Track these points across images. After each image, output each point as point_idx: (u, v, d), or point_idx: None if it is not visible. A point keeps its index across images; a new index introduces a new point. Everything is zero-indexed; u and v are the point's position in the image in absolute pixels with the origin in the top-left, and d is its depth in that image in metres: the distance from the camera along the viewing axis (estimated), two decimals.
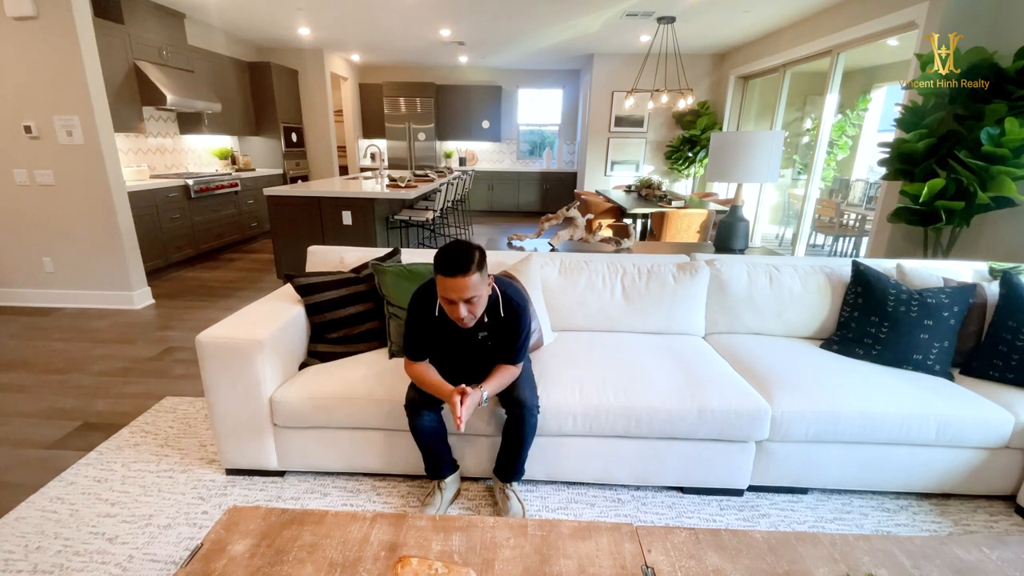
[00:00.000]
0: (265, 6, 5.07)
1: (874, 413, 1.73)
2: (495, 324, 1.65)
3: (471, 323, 1.55)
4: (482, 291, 1.51)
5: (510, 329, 1.65)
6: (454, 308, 1.50)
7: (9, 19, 3.31)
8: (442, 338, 1.67)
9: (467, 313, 1.50)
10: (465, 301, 1.49)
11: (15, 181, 3.63)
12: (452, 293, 1.47)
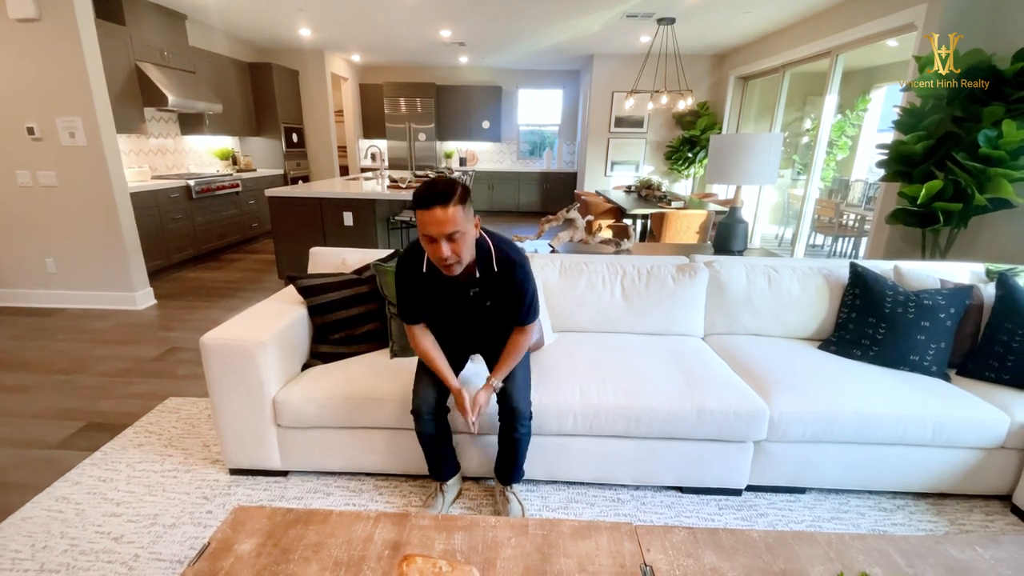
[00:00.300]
0: (266, 7, 5.08)
1: (871, 414, 1.75)
2: (488, 280, 1.53)
3: (457, 268, 1.41)
4: (466, 229, 1.36)
5: (509, 286, 1.53)
6: (436, 248, 1.36)
7: (12, 21, 3.33)
8: (431, 294, 1.55)
9: (450, 253, 1.35)
10: (447, 239, 1.34)
11: (18, 182, 3.65)
12: (431, 227, 1.32)
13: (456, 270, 1.43)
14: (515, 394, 1.65)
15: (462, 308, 1.61)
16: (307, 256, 2.43)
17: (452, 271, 1.43)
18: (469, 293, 1.55)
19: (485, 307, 1.56)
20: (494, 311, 1.56)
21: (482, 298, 1.55)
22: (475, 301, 1.56)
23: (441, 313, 1.64)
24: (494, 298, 1.55)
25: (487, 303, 1.55)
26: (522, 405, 1.65)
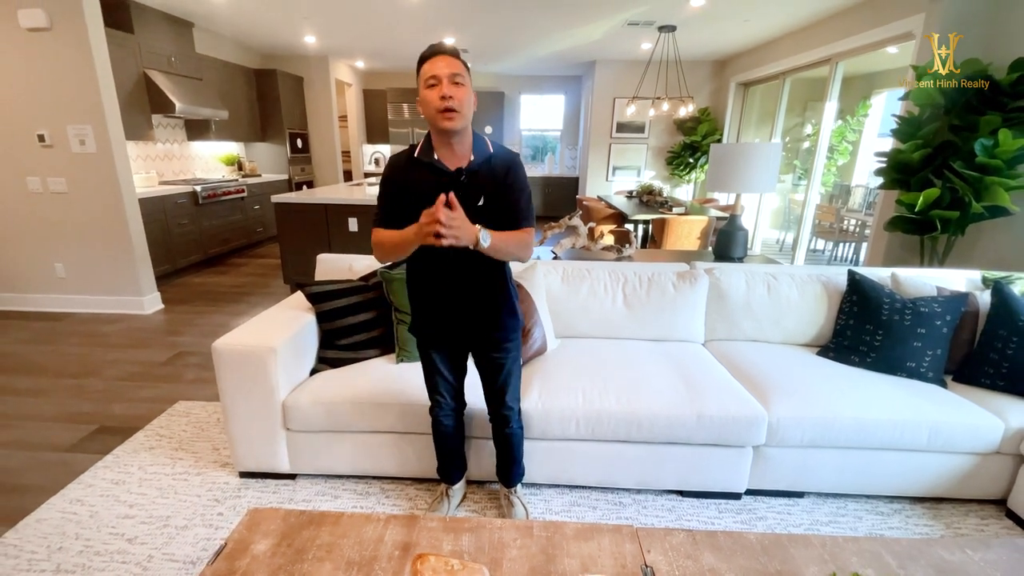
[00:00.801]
0: (272, 15, 5.15)
1: (867, 419, 1.79)
2: (483, 174, 1.40)
3: (457, 119, 1.30)
4: (466, 84, 1.32)
5: (505, 184, 1.41)
6: (438, 89, 1.28)
7: (23, 30, 3.39)
8: (416, 190, 1.38)
9: (451, 94, 1.28)
10: (451, 80, 1.28)
11: (28, 189, 3.71)
12: (438, 66, 1.28)
13: (456, 120, 1.30)
14: (503, 387, 1.63)
15: None
16: (313, 261, 2.47)
17: (451, 119, 1.30)
18: (460, 179, 1.37)
19: (477, 207, 1.38)
20: (486, 214, 1.38)
21: (475, 193, 1.38)
22: (467, 196, 1.36)
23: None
24: (488, 197, 1.39)
25: (479, 202, 1.38)
26: (510, 400, 1.66)
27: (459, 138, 1.37)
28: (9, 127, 3.57)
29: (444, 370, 1.64)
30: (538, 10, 4.73)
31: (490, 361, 1.60)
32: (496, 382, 1.63)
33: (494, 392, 1.65)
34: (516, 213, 1.43)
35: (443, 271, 1.47)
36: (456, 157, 1.39)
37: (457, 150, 1.39)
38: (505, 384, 1.63)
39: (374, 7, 4.75)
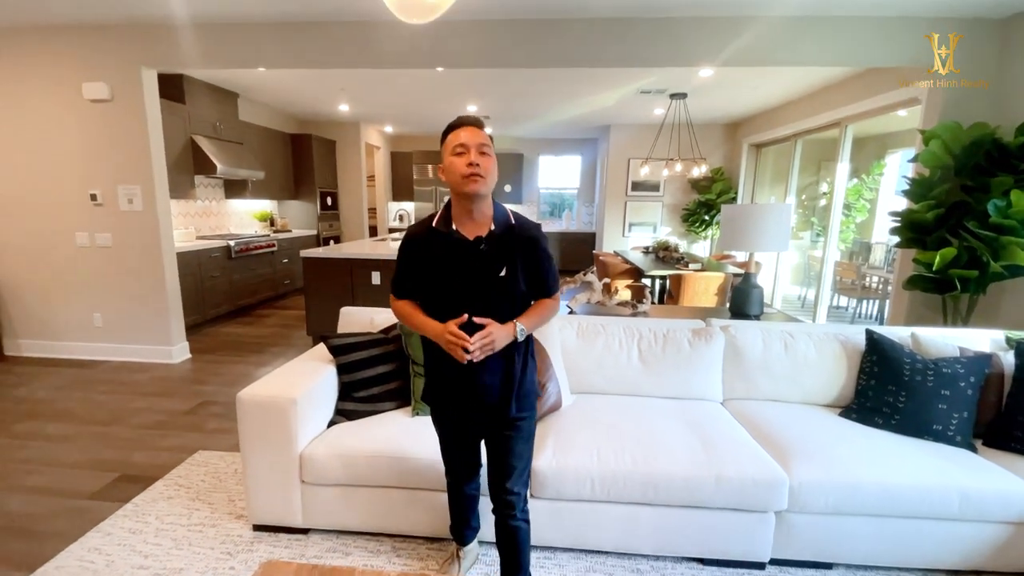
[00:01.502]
0: (311, 87, 5.60)
1: (893, 484, 1.73)
2: (504, 243, 1.38)
3: (481, 185, 1.31)
4: (491, 155, 1.34)
5: (526, 254, 1.39)
6: (465, 157, 1.31)
7: (86, 101, 3.76)
8: (435, 260, 1.38)
9: (479, 161, 1.30)
10: (478, 149, 1.31)
11: (76, 243, 3.97)
12: (466, 137, 1.31)
13: (481, 184, 1.31)
14: (509, 469, 1.48)
15: (469, 275, 1.37)
16: (336, 313, 2.57)
17: (476, 185, 1.30)
18: (479, 247, 1.36)
19: (498, 277, 1.36)
20: (508, 284, 1.36)
21: (495, 262, 1.36)
22: (486, 265, 1.36)
23: (443, 285, 1.39)
24: (510, 265, 1.36)
25: (500, 272, 1.36)
26: (514, 484, 1.48)
27: (480, 206, 1.36)
28: (65, 186, 3.88)
29: (459, 441, 1.58)
30: (553, 81, 5.05)
31: (499, 437, 1.48)
32: (502, 462, 1.49)
33: (499, 473, 1.50)
34: (545, 285, 1.45)
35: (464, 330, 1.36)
36: (476, 226, 1.38)
37: (477, 218, 1.38)
38: (512, 465, 1.48)
39: (403, 79, 5.13)
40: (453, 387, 1.46)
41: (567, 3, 3.14)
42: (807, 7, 3.13)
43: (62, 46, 3.67)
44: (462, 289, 1.37)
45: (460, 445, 1.60)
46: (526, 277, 1.40)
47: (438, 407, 1.55)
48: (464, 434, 1.57)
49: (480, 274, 1.34)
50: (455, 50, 3.50)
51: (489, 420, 1.48)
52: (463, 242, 1.37)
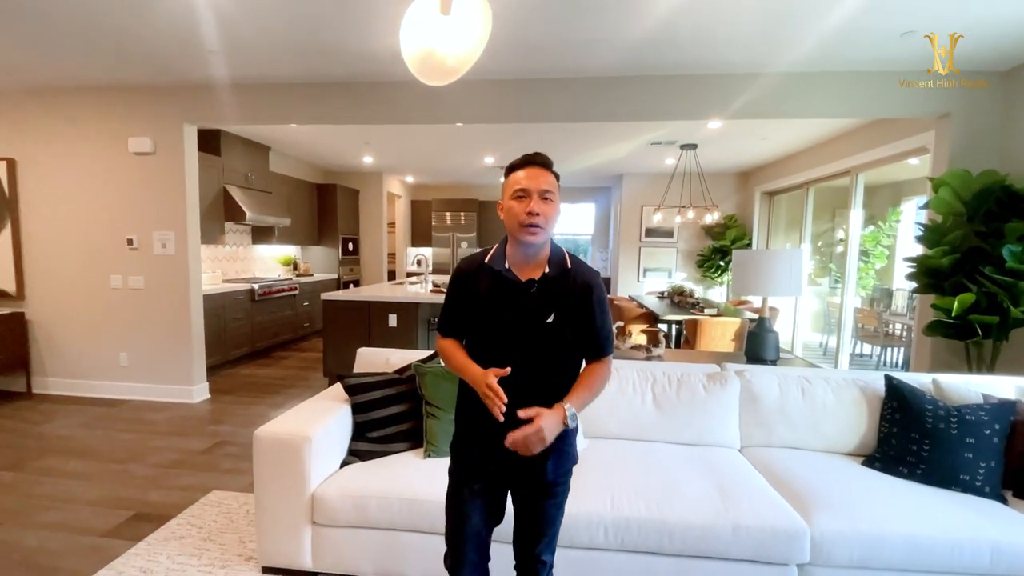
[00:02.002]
0: (337, 140, 5.94)
1: (921, 537, 1.65)
2: (557, 287, 1.29)
3: (541, 234, 1.25)
4: (555, 200, 1.27)
5: (580, 301, 1.29)
6: (526, 203, 1.24)
7: (131, 154, 4.05)
8: (484, 300, 1.31)
9: (540, 210, 1.23)
10: (540, 195, 1.24)
11: (110, 285, 4.16)
12: (528, 180, 1.24)
13: (539, 235, 1.25)
14: (541, 537, 1.37)
15: (516, 319, 1.28)
16: (353, 355, 2.62)
17: (535, 234, 1.24)
18: (530, 290, 1.28)
19: (546, 324, 1.26)
20: (555, 332, 1.27)
21: (545, 307, 1.27)
22: (535, 310, 1.27)
23: (488, 326, 1.31)
24: (561, 311, 1.27)
25: (549, 317, 1.26)
26: (545, 552, 1.38)
27: (536, 249, 1.30)
28: (105, 232, 4.12)
29: (476, 511, 1.36)
30: (566, 133, 5.27)
31: (534, 506, 1.36)
32: (533, 527, 1.37)
33: (528, 539, 1.39)
34: (599, 341, 1.32)
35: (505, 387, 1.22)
36: (530, 267, 1.31)
37: (533, 261, 1.31)
38: (543, 532, 1.37)
39: (424, 133, 5.41)
40: (485, 438, 1.31)
41: (576, 64, 3.34)
42: (808, 63, 3.27)
43: (113, 104, 4.00)
44: (508, 333, 1.28)
45: (481, 509, 1.36)
46: (577, 327, 1.29)
47: (464, 463, 1.38)
48: (488, 497, 1.37)
49: (528, 319, 1.26)
50: (473, 107, 3.72)
51: (520, 481, 1.36)
52: (514, 283, 1.29)
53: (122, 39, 3.05)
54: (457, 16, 1.16)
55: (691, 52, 3.13)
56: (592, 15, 2.64)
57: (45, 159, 4.13)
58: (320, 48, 3.15)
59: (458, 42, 1.23)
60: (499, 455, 1.28)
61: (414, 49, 1.19)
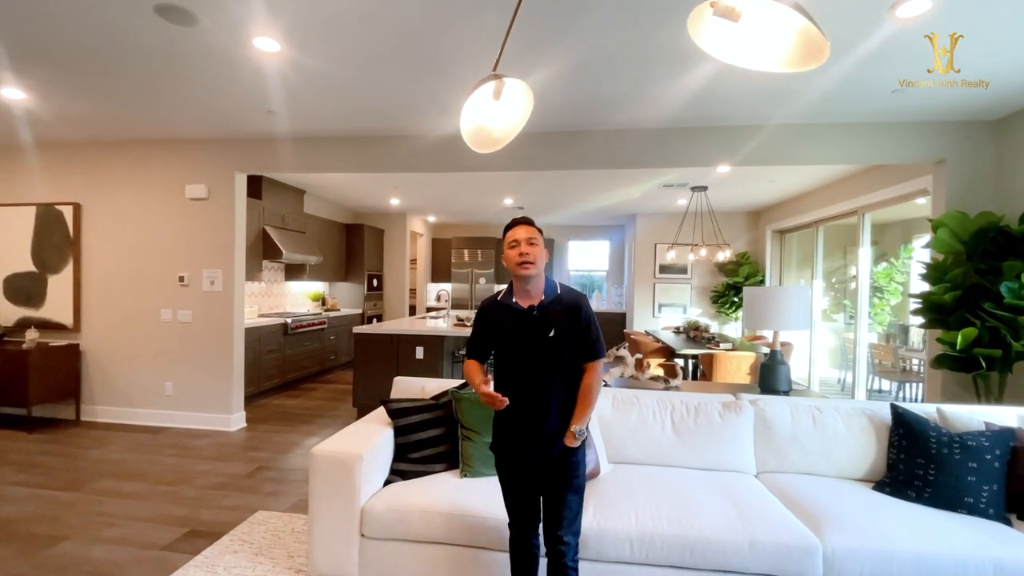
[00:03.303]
0: (368, 185, 6.36)
1: (927, 554, 1.77)
2: (553, 310, 1.71)
3: (531, 269, 1.68)
4: (540, 244, 1.72)
5: (571, 316, 1.71)
6: (517, 249, 1.69)
7: (187, 199, 4.44)
8: (500, 325, 1.75)
9: (528, 251, 1.68)
10: (527, 241, 1.69)
11: (160, 319, 4.48)
12: (517, 234, 1.71)
13: (530, 269, 1.68)
14: (561, 517, 1.67)
15: (524, 338, 1.71)
16: (379, 385, 2.85)
17: (527, 269, 1.68)
18: (532, 314, 1.71)
19: (547, 338, 1.68)
20: (556, 344, 1.69)
21: (545, 325, 1.69)
22: (538, 328, 1.70)
23: (505, 345, 1.76)
24: (557, 328, 1.69)
25: (549, 333, 1.68)
26: (568, 534, 1.68)
27: (533, 283, 1.73)
28: (159, 269, 4.47)
29: (519, 488, 1.75)
30: (580, 178, 5.61)
31: (558, 485, 1.69)
32: (559, 509, 1.69)
33: (554, 520, 1.70)
34: (590, 346, 1.73)
35: (521, 390, 1.70)
36: (531, 297, 1.74)
37: (532, 292, 1.74)
38: (568, 512, 1.69)
39: (447, 178, 5.79)
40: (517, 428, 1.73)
41: (590, 119, 3.67)
42: (806, 116, 3.55)
43: (173, 155, 4.43)
44: (520, 349, 1.72)
45: (521, 491, 1.76)
46: (572, 338, 1.71)
47: (502, 453, 1.77)
48: (523, 480, 1.75)
49: (533, 336, 1.70)
50: (495, 157, 4.05)
51: (545, 459, 1.70)
52: (520, 311, 1.74)
53: (196, 105, 3.47)
54: (505, 100, 1.44)
55: (699, 109, 3.44)
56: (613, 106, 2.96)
57: (108, 204, 4.55)
58: (368, 110, 3.54)
59: (504, 119, 1.51)
60: (526, 450, 1.72)
61: (470, 125, 1.47)
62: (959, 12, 2.17)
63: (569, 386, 1.72)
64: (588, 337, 1.73)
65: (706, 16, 1.04)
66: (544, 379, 1.70)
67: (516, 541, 1.80)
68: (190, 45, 2.59)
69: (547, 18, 2.28)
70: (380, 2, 2.19)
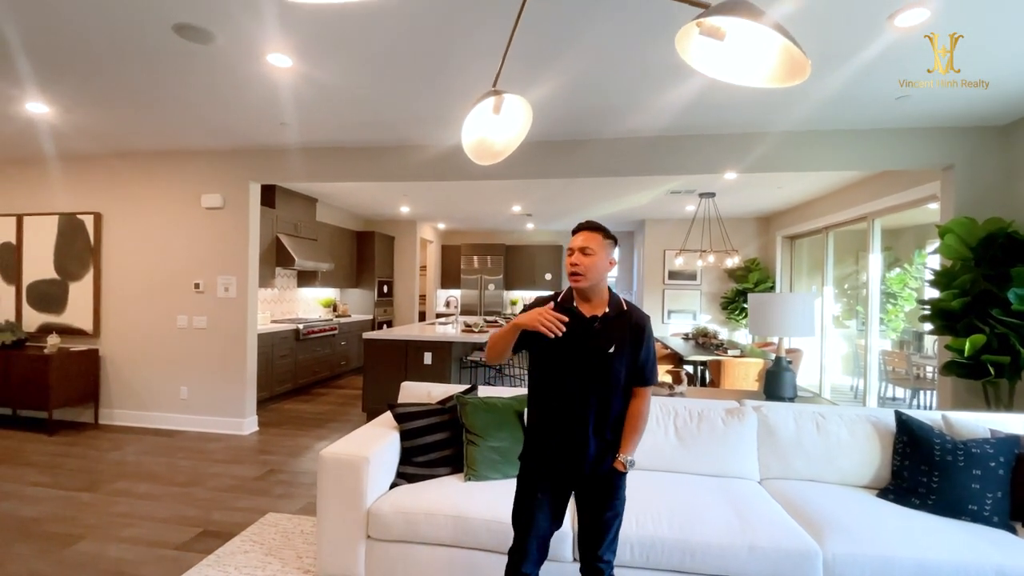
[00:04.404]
0: (379, 193, 6.46)
1: (928, 560, 1.78)
2: (615, 324, 1.61)
3: (582, 281, 1.59)
4: (599, 253, 1.60)
5: (634, 337, 1.61)
6: (570, 258, 1.62)
7: (203, 209, 4.56)
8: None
9: (579, 260, 1.59)
10: (581, 251, 1.59)
11: (177, 325, 4.60)
12: (575, 241, 1.62)
13: (581, 281, 1.59)
14: (604, 535, 1.62)
15: (581, 347, 1.59)
16: (388, 390, 2.90)
17: (577, 281, 1.60)
18: (594, 324, 1.60)
19: (607, 354, 1.58)
20: (613, 362, 1.58)
21: (605, 339, 1.59)
22: (597, 340, 1.59)
23: (555, 351, 1.60)
24: (618, 344, 1.59)
25: (609, 348, 1.58)
26: (607, 552, 1.63)
27: (593, 293, 1.63)
28: (176, 277, 4.59)
29: (542, 510, 1.63)
30: (588, 184, 5.65)
31: (599, 505, 1.62)
32: (600, 529, 1.62)
33: (594, 539, 1.63)
34: (644, 369, 1.63)
35: (567, 403, 1.59)
36: (592, 308, 1.63)
37: (593, 301, 1.64)
38: (608, 532, 1.62)
39: (456, 185, 5.87)
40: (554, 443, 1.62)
41: (595, 127, 3.71)
42: (812, 123, 3.57)
43: (189, 166, 4.56)
44: (571, 359, 1.60)
45: (547, 508, 1.63)
46: (629, 359, 1.61)
47: (533, 464, 1.66)
48: (554, 498, 1.65)
49: (591, 348, 1.58)
50: (503, 166, 4.11)
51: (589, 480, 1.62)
52: (582, 318, 1.61)
53: (213, 118, 3.59)
54: (505, 114, 1.50)
55: (702, 116, 3.47)
56: (608, 115, 3.01)
57: (127, 213, 4.69)
58: (377, 122, 3.63)
59: (504, 132, 1.56)
60: (560, 467, 1.62)
61: (472, 139, 1.52)
62: (960, 13, 2.14)
63: (615, 407, 1.62)
64: (646, 361, 1.64)
65: (693, 35, 1.08)
66: (593, 396, 1.58)
67: (515, 569, 1.64)
68: (206, 61, 2.69)
69: (549, 32, 2.34)
70: (387, 21, 2.26)
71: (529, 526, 1.64)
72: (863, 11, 2.13)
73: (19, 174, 4.87)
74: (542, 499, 1.63)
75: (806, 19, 2.18)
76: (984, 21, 2.21)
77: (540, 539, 1.65)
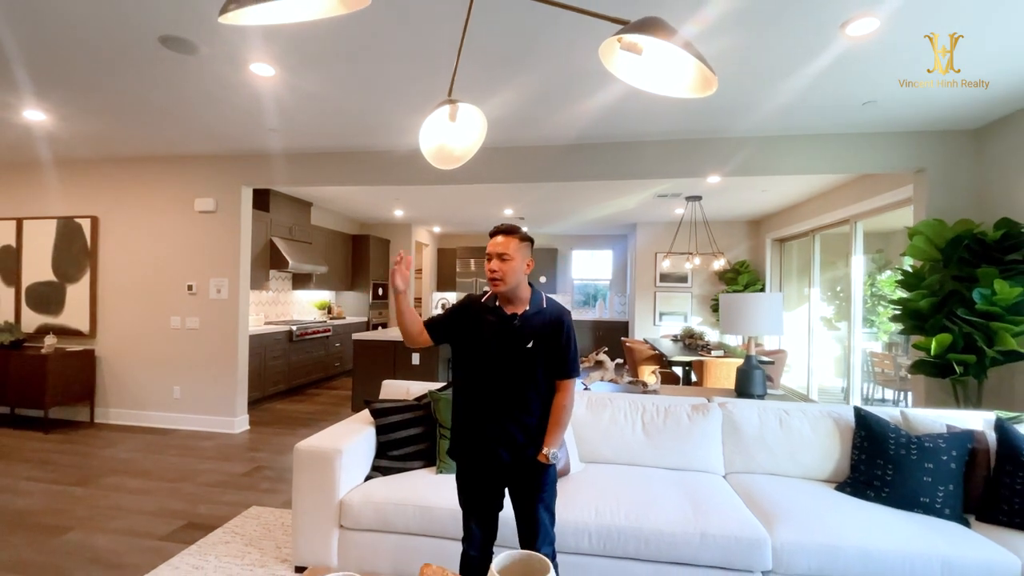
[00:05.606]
0: (372, 197, 6.57)
1: (874, 549, 1.84)
2: (535, 321, 1.68)
3: (500, 285, 1.65)
4: (516, 257, 1.64)
5: (554, 332, 1.67)
6: (488, 263, 1.67)
7: (196, 212, 4.67)
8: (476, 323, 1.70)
9: (497, 267, 1.64)
10: (498, 256, 1.64)
11: (170, 326, 4.70)
12: (491, 248, 1.66)
13: (500, 286, 1.65)
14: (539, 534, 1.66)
15: (502, 343, 1.67)
16: (377, 390, 2.98)
17: (496, 286, 1.66)
18: (514, 322, 1.67)
19: (525, 349, 1.65)
20: (534, 355, 1.66)
21: (524, 335, 1.66)
22: (517, 337, 1.66)
23: (478, 346, 1.69)
24: (537, 340, 1.66)
25: (528, 343, 1.65)
26: (545, 547, 1.67)
27: (514, 294, 1.69)
28: (169, 279, 4.70)
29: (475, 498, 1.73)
30: (578, 188, 5.74)
31: (527, 498, 1.68)
32: (532, 522, 1.68)
33: (529, 533, 1.69)
34: (565, 364, 1.69)
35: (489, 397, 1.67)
36: (514, 306, 1.71)
37: (515, 301, 1.71)
38: (539, 524, 1.68)
39: (450, 189, 5.97)
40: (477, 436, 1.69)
41: (587, 132, 3.81)
42: (783, 128, 3.65)
43: (183, 171, 4.68)
44: (493, 353, 1.68)
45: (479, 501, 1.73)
46: (549, 353, 1.68)
47: (463, 458, 1.74)
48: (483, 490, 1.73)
49: (511, 344, 1.66)
50: (494, 169, 4.21)
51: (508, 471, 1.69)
52: (503, 315, 1.70)
53: (202, 125, 3.70)
54: (460, 122, 1.59)
55: (668, 122, 3.56)
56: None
57: (123, 217, 4.81)
58: (362, 128, 3.73)
59: (462, 139, 1.65)
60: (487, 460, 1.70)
61: (431, 145, 1.61)
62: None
63: (537, 401, 1.69)
64: (565, 354, 1.69)
65: (615, 49, 1.17)
66: (514, 390, 1.66)
67: (468, 559, 1.74)
68: (193, 71, 2.80)
69: (506, 45, 2.43)
70: (361, 32, 2.36)
71: (469, 512, 1.75)
72: (815, 20, 2.21)
73: (19, 179, 5.00)
74: (474, 489, 1.73)
75: (761, 26, 2.27)
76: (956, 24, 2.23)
77: (480, 523, 1.74)
